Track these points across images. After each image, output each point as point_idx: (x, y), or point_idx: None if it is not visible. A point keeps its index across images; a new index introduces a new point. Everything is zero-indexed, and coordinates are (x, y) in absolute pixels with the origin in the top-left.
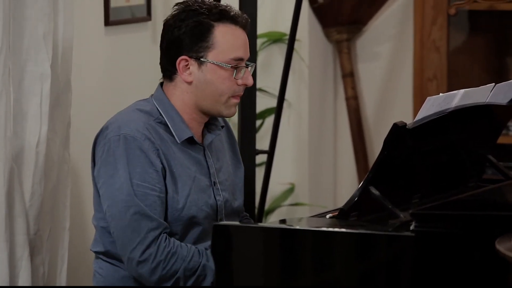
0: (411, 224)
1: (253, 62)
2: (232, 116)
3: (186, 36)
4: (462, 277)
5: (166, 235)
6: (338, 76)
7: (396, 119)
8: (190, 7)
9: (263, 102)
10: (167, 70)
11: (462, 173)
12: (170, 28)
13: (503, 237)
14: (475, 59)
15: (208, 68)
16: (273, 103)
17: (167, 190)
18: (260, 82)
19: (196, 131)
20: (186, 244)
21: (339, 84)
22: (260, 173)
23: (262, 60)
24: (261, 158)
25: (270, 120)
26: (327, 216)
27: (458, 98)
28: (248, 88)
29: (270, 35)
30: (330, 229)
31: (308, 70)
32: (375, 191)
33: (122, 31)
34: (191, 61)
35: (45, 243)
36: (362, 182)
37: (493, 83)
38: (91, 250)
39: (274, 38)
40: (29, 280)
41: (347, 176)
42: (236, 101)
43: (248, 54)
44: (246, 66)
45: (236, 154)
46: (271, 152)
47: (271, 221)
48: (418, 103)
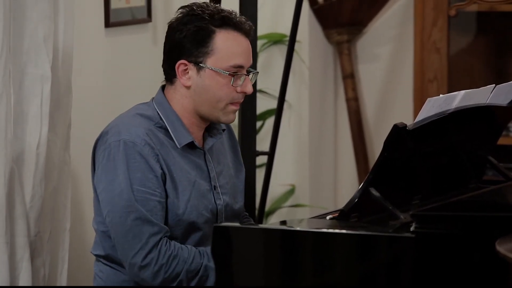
0: (412, 225)
1: (253, 63)
2: (231, 123)
3: (187, 40)
4: (462, 278)
5: (166, 238)
6: (338, 77)
7: (397, 120)
8: (193, 11)
9: (264, 104)
10: (168, 73)
11: (463, 174)
12: (172, 31)
13: (504, 238)
14: (476, 60)
15: (207, 74)
16: (273, 104)
17: (168, 195)
18: (260, 84)
19: (196, 135)
20: (186, 246)
21: (339, 85)
22: (260, 174)
23: (262, 61)
24: (261, 160)
25: (270, 121)
26: (328, 217)
27: (459, 99)
28: None
29: (270, 37)
30: (331, 230)
31: (308, 71)
32: (375, 193)
33: (122, 32)
34: (190, 65)
35: (45, 244)
36: (362, 184)
37: (493, 84)
38: (92, 253)
39: (275, 40)
40: (29, 282)
41: (348, 177)
42: (235, 108)
43: (250, 61)
44: (248, 73)
45: (238, 156)
46: (271, 154)
47: (272, 222)
48: (418, 104)
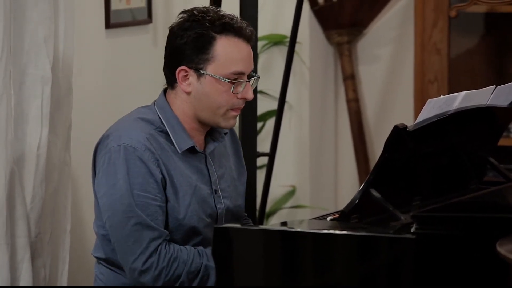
0: (412, 226)
1: (254, 65)
2: (232, 128)
3: (187, 46)
4: (463, 279)
5: (166, 241)
6: (339, 78)
7: (397, 121)
8: (195, 16)
9: (264, 105)
10: (169, 77)
11: (463, 175)
12: (173, 36)
13: (504, 239)
14: (476, 62)
15: (207, 80)
16: (274, 105)
17: (168, 200)
18: (261, 85)
19: (197, 140)
20: (185, 247)
21: (340, 86)
22: (261, 175)
23: (263, 62)
24: (262, 161)
25: (271, 122)
26: (328, 218)
27: (459, 100)
28: None
29: (271, 38)
30: (331, 231)
31: (309, 72)
32: (376, 194)
33: (122, 33)
34: (191, 72)
35: (46, 245)
36: (363, 185)
37: (494, 85)
38: (92, 255)
39: (275, 41)
40: (30, 283)
41: (348, 178)
42: (235, 113)
43: (251, 67)
44: (249, 78)
45: (240, 159)
46: (272, 155)
47: (272, 223)
48: (419, 105)
